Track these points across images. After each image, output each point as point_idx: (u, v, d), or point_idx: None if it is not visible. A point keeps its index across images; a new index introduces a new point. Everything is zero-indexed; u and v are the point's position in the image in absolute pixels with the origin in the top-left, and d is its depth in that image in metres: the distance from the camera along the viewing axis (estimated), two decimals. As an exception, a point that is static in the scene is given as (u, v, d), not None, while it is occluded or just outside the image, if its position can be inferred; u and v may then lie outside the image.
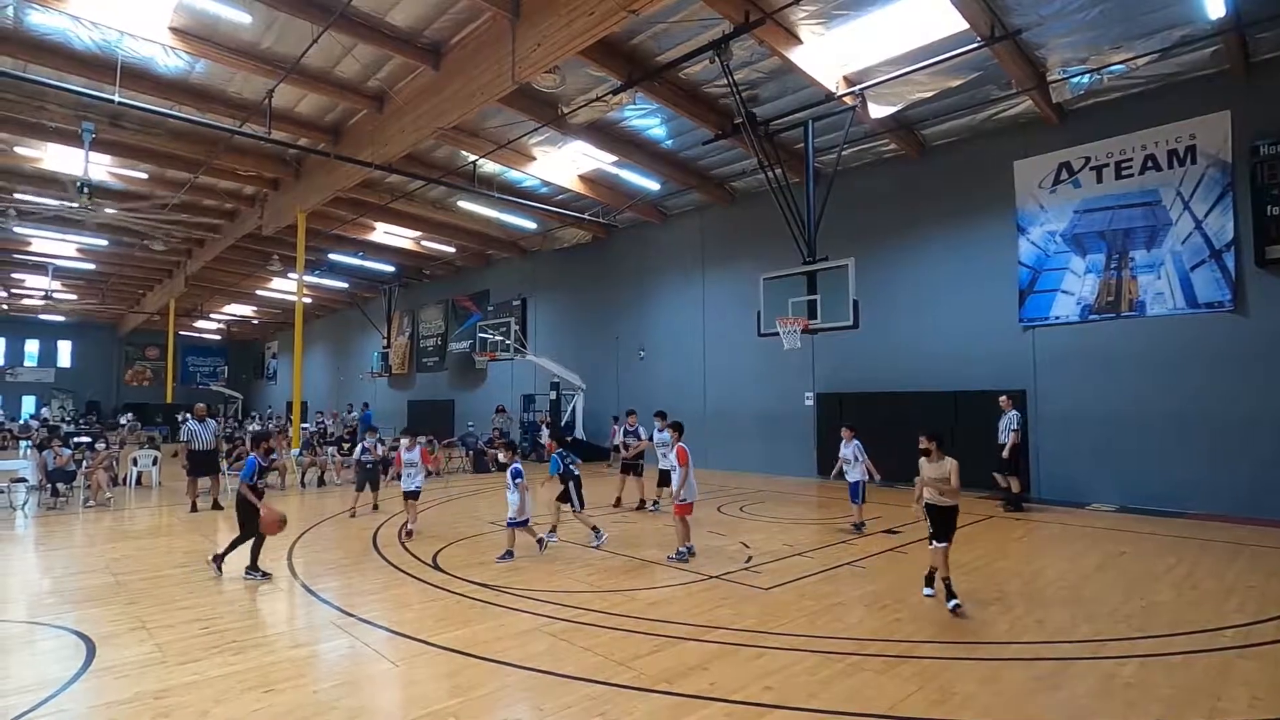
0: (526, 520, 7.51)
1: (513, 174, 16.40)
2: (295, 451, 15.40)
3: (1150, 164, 10.95)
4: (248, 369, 47.69)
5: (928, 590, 5.99)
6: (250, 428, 23.72)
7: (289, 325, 34.44)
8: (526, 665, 4.49)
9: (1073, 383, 11.57)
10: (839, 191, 12.69)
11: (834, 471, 9.32)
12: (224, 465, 12.49)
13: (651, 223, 19.03)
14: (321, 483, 14.27)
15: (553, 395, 20.44)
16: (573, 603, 5.87)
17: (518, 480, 7.38)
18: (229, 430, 21.44)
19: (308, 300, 32.30)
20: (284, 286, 30.05)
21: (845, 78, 11.11)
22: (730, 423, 16.49)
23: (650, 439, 10.51)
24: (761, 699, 3.97)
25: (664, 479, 10.07)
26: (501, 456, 8.03)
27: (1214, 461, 10.13)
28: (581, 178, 16.58)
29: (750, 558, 7.52)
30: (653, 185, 16.48)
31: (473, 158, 14.95)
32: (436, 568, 7.17)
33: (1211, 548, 7.98)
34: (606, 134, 14.20)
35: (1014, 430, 10.51)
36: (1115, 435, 11.05)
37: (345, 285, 29.80)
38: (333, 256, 24.09)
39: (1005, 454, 10.52)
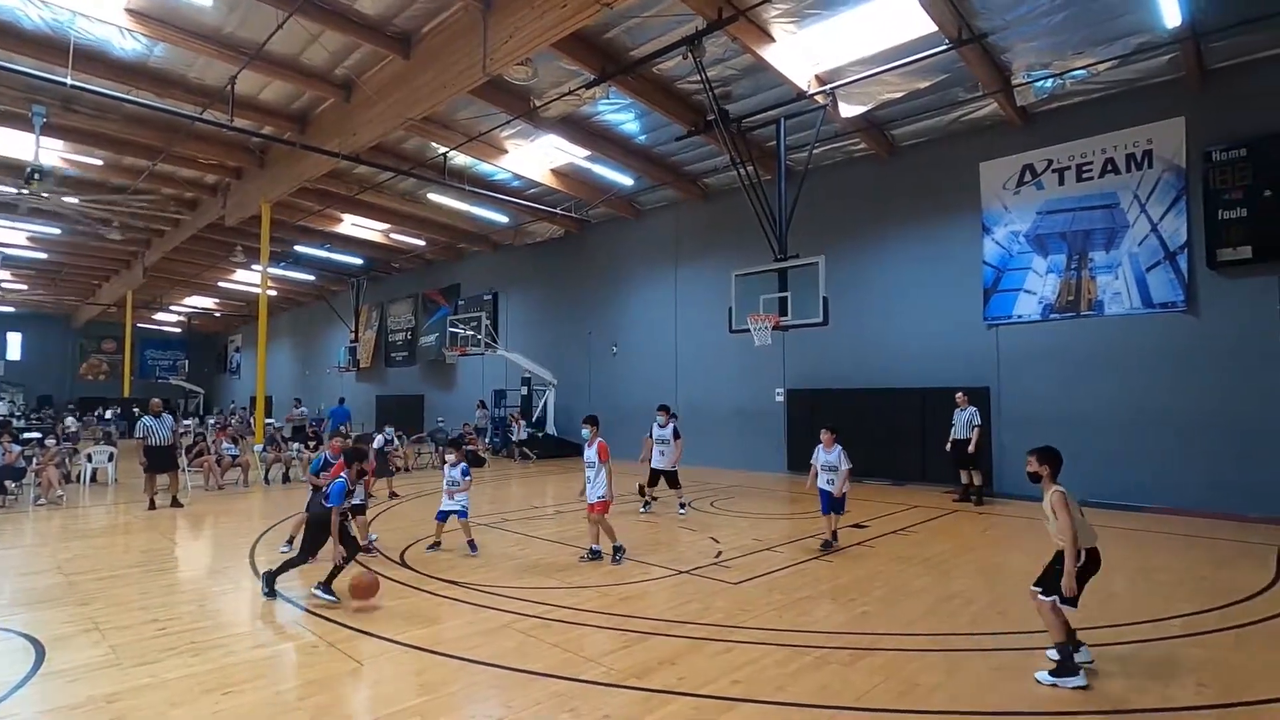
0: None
1: (484, 167, 16.23)
2: (258, 447, 15.06)
3: (1109, 167, 11.25)
4: (209, 363, 46.51)
5: None
6: (210, 421, 23.13)
7: (253, 318, 33.64)
8: (495, 662, 4.46)
9: (1034, 380, 11.86)
10: (810, 190, 12.81)
11: (810, 480, 7.88)
12: (183, 462, 12.16)
13: (625, 218, 18.99)
14: (286, 479, 13.98)
15: (524, 391, 20.32)
16: (542, 599, 5.84)
17: (467, 478, 7.73)
18: (192, 427, 20.88)
19: (272, 293, 31.56)
20: (247, 278, 29.35)
21: (817, 77, 11.20)
22: (702, 419, 16.55)
23: (651, 435, 10.14)
24: (730, 693, 4.00)
25: (656, 479, 9.94)
26: (451, 457, 7.90)
27: (1168, 457, 10.48)
28: (554, 172, 16.47)
29: (720, 552, 7.57)
30: (626, 180, 16.44)
31: (443, 150, 14.75)
32: (404, 565, 7.08)
33: (1166, 541, 8.26)
34: (580, 128, 14.12)
35: (977, 426, 10.78)
36: (1074, 431, 11.35)
37: (311, 278, 29.22)
38: (298, 248, 23.60)
39: (971, 449, 10.77)
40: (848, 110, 11.76)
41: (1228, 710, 3.79)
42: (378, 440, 12.28)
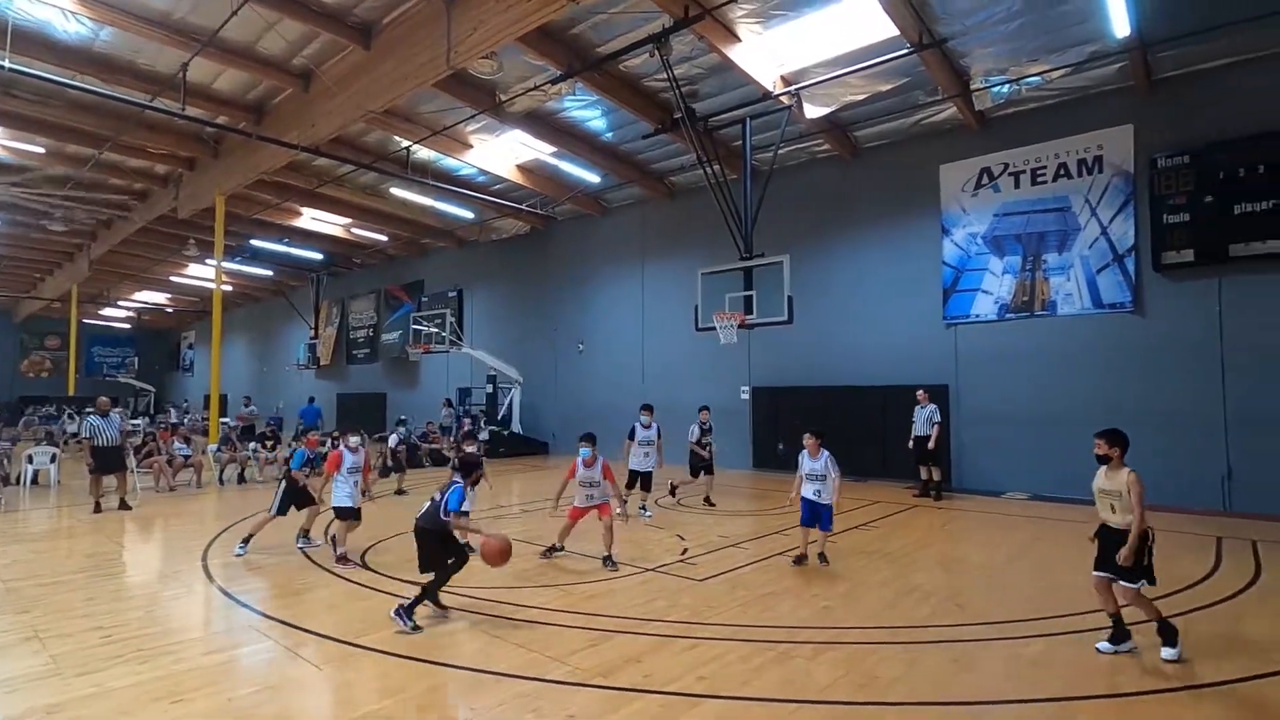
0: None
1: (449, 161, 15.99)
2: (213, 447, 14.60)
3: (1062, 172, 11.61)
4: (161, 360, 44.92)
5: None
6: (165, 421, 22.35)
7: (207, 314, 32.62)
8: (458, 664, 4.40)
9: (991, 378, 12.18)
10: (775, 189, 12.92)
11: (795, 491, 7.02)
12: (132, 462, 11.72)
13: (591, 215, 18.92)
14: (242, 479, 13.59)
15: (489, 388, 20.11)
16: (507, 599, 5.79)
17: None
18: (143, 426, 20.14)
19: (227, 288, 30.67)
20: (201, 273, 28.40)
21: (782, 77, 11.31)
22: (668, 416, 16.50)
23: (632, 437, 9.53)
24: (695, 689, 4.01)
25: (634, 480, 9.44)
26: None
27: (1115, 452, 10.85)
28: (520, 168, 16.32)
29: (686, 550, 7.59)
30: (593, 177, 16.38)
31: (406, 143, 14.49)
32: (365, 567, 6.94)
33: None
34: (546, 124, 14.01)
35: (937, 423, 11.02)
36: (1028, 428, 11.70)
37: (269, 273, 28.41)
38: (255, 242, 22.93)
39: (931, 445, 11.01)
40: (812, 111, 11.90)
41: (1173, 694, 3.94)
42: (392, 439, 12.64)
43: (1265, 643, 4.74)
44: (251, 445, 14.72)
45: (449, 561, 5.33)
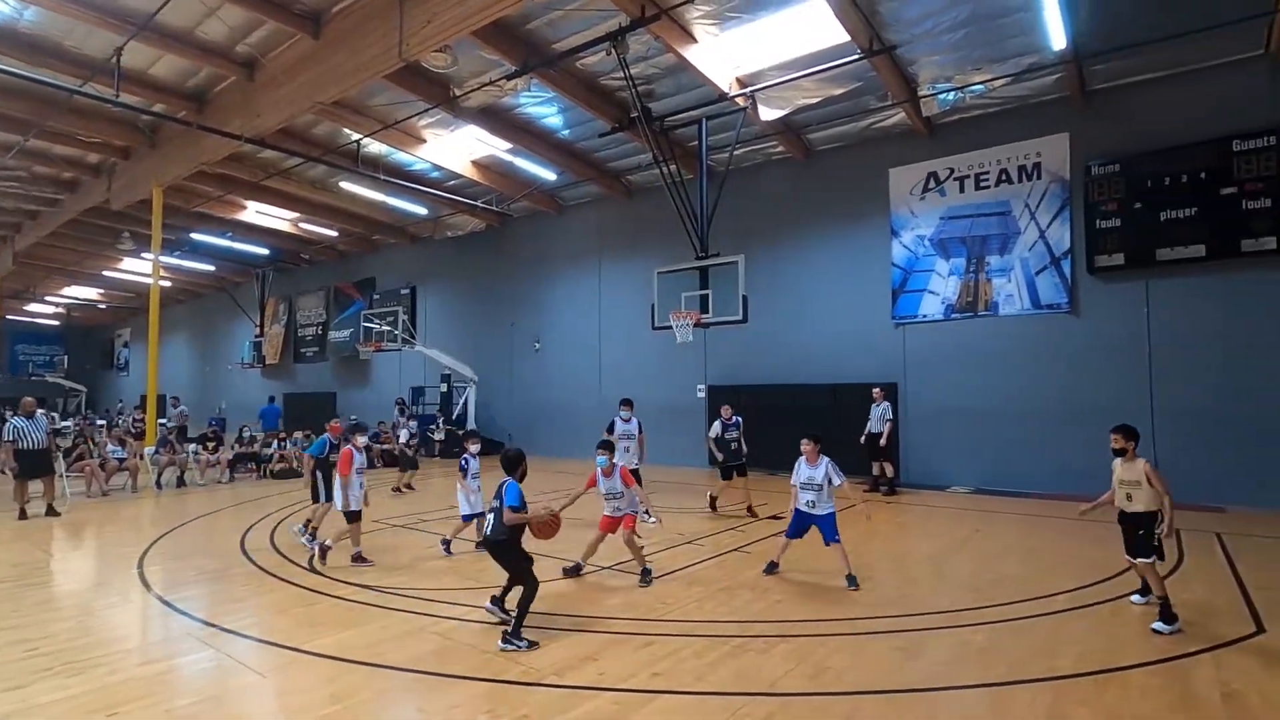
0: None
1: (401, 156, 15.67)
2: (150, 450, 13.98)
3: (1004, 177, 12.06)
4: (93, 358, 42.74)
5: None
6: (99, 422, 21.28)
7: (143, 310, 31.17)
8: (410, 667, 4.32)
9: (937, 376, 12.57)
10: (731, 190, 13.07)
11: (794, 502, 6.43)
12: (60, 466, 11.13)
13: (548, 213, 18.80)
14: (181, 483, 13.05)
15: (443, 388, 19.79)
16: (461, 600, 5.71)
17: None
18: (73, 428, 19.11)
19: (166, 283, 29.33)
20: (137, 267, 27.17)
21: (738, 79, 11.44)
22: (629, 415, 16.61)
23: (611, 431, 9.30)
24: (650, 685, 4.03)
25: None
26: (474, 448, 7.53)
27: (1053, 446, 11.34)
28: (475, 163, 16.10)
29: (643, 548, 7.60)
30: (549, 175, 16.27)
31: (357, 136, 14.14)
32: (313, 570, 6.75)
33: (1051, 523, 8.94)
34: (501, 120, 13.86)
35: (889, 420, 11.31)
36: (972, 424, 12.13)
37: (211, 268, 27.36)
38: (196, 236, 22.05)
39: (883, 442, 11.30)
40: (767, 113, 12.07)
41: (1104, 676, 4.14)
42: (402, 434, 12.45)
43: (1184, 623, 5.01)
44: (192, 447, 14.16)
45: (532, 564, 5.03)
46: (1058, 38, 9.48)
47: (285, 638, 4.84)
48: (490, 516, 5.03)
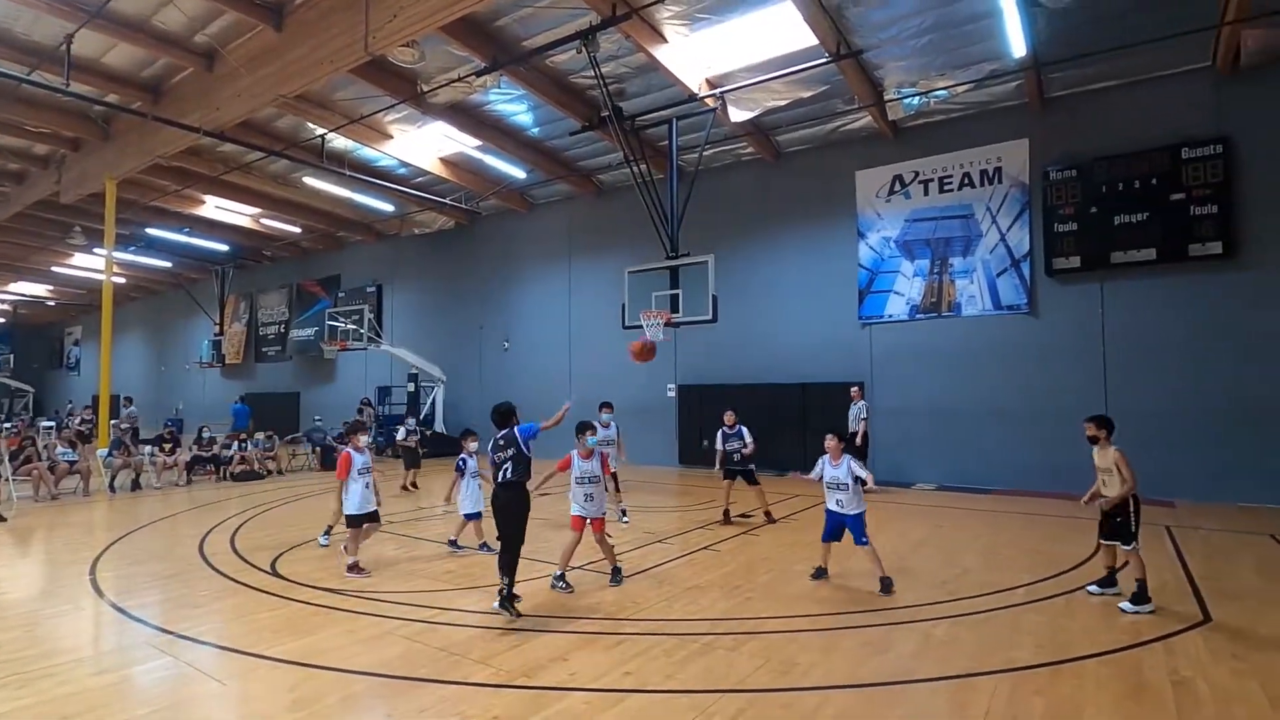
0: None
1: (367, 151, 15.41)
2: (103, 452, 13.50)
3: (967, 181, 12.34)
4: (41, 357, 41.18)
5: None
6: (44, 423, 20.47)
7: (96, 308, 30.13)
8: (377, 671, 4.25)
9: (902, 375, 12.81)
10: (701, 190, 13.12)
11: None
12: (6, 469, 10.70)
13: (517, 211, 18.66)
14: (136, 486, 12.64)
15: (411, 388, 19.51)
16: (429, 603, 5.64)
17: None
18: (13, 428, 18.36)
19: (119, 280, 28.43)
20: (89, 263, 26.24)
21: (708, 80, 11.50)
22: (595, 414, 16.60)
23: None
24: (620, 685, 4.04)
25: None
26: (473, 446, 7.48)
27: (1013, 443, 11.65)
28: (443, 160, 15.91)
29: (611, 547, 7.59)
30: (518, 173, 16.15)
31: (321, 131, 13.84)
32: (275, 575, 6.60)
33: (1011, 519, 9.18)
34: (470, 116, 13.72)
35: (863, 419, 11.47)
36: (936, 422, 12.39)
37: (168, 264, 26.54)
38: (152, 231, 21.37)
39: (858, 441, 11.46)
40: (736, 114, 12.16)
41: (1059, 666, 4.27)
42: (400, 432, 12.51)
43: (1133, 614, 5.19)
44: (147, 449, 13.72)
45: (526, 519, 5.25)
46: (1018, 45, 9.73)
47: (246, 644, 4.72)
48: (506, 466, 5.21)
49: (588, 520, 6.08)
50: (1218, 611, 5.28)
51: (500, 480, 5.24)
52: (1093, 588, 5.74)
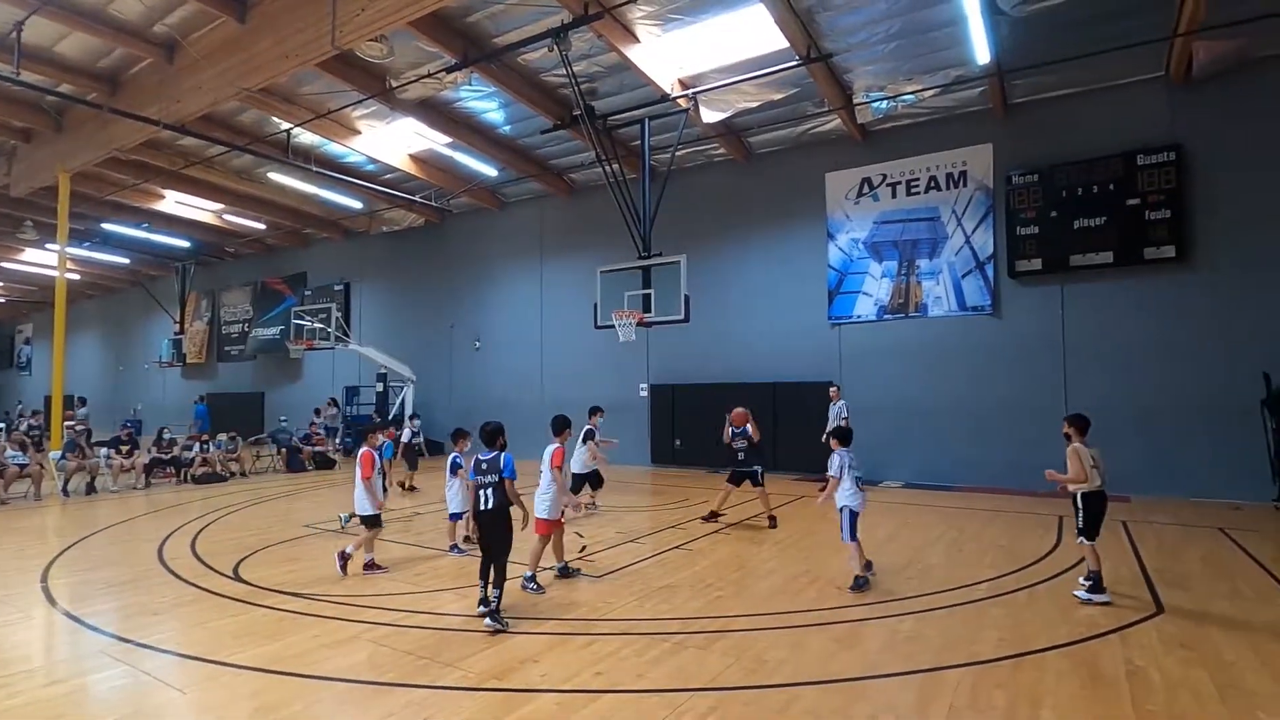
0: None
1: (334, 147, 15.14)
2: (56, 454, 13.04)
3: (933, 184, 12.58)
4: (-10, 357, 39.63)
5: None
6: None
7: (48, 305, 29.11)
8: (343, 676, 4.18)
9: (870, 375, 13.01)
10: (673, 190, 13.18)
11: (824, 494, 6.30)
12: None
13: (488, 209, 18.51)
14: (92, 489, 12.23)
15: (379, 387, 19.22)
16: (398, 606, 5.57)
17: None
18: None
19: (74, 277, 27.46)
20: (41, 259, 25.30)
21: (680, 81, 11.54)
22: (567, 413, 16.54)
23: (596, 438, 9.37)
24: (592, 685, 4.03)
25: (582, 483, 9.28)
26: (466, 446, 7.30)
27: (977, 441, 11.92)
28: (413, 157, 15.71)
29: (584, 547, 7.60)
30: (490, 171, 16.02)
31: (286, 126, 13.56)
32: (239, 579, 6.45)
33: (975, 515, 9.39)
34: (440, 113, 13.57)
35: (844, 418, 11.54)
36: (903, 420, 12.61)
37: (126, 261, 25.72)
38: (108, 226, 20.69)
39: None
40: (708, 115, 12.22)
41: (1020, 659, 4.38)
42: (404, 433, 12.25)
43: (1088, 608, 5.36)
44: (104, 451, 13.29)
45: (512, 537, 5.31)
46: (982, 53, 9.95)
47: (207, 651, 4.61)
48: (487, 492, 5.21)
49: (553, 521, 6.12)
50: (1169, 602, 5.47)
51: (484, 508, 5.25)
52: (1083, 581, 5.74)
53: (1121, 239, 10.85)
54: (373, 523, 6.64)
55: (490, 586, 5.09)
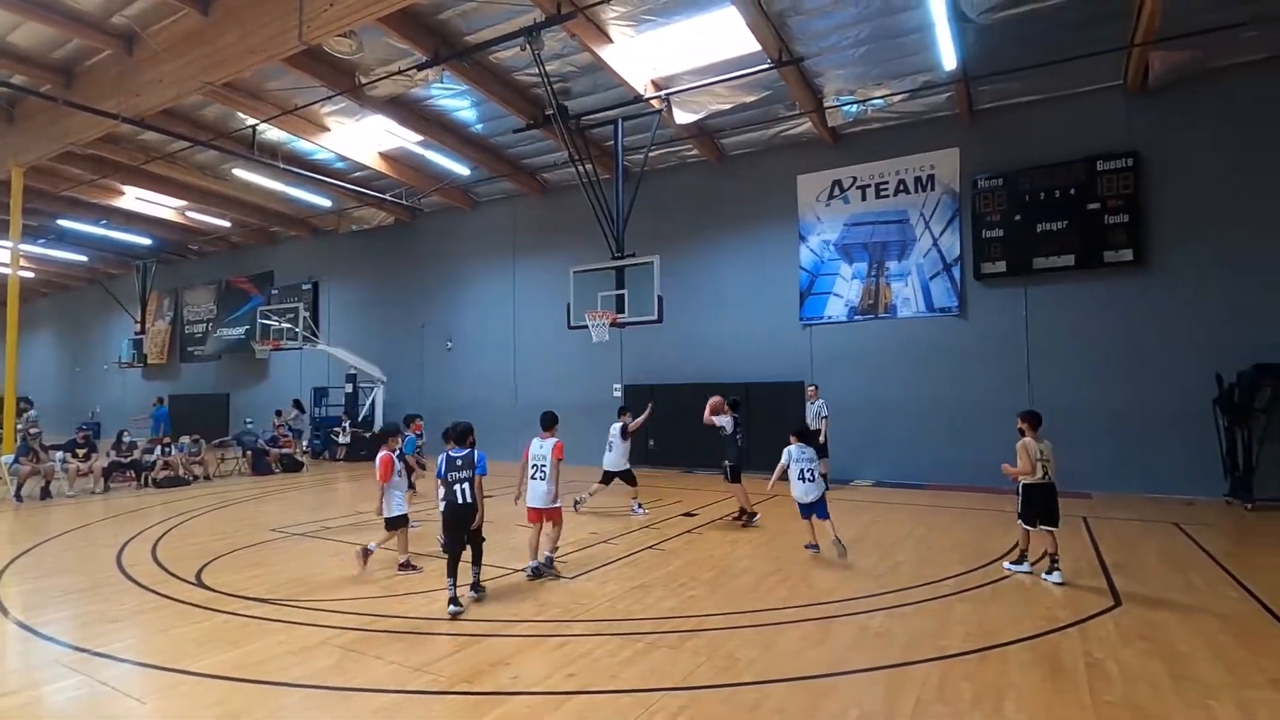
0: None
1: (302, 144, 14.86)
2: (8, 458, 12.58)
3: (901, 187, 12.79)
4: (-63, 357, 38.07)
5: None
6: None
7: (0, 304, 28.13)
8: (309, 683, 4.11)
9: (841, 375, 13.17)
10: (646, 191, 13.19)
11: (771, 480, 7.46)
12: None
13: (460, 209, 18.34)
14: (47, 494, 11.83)
15: (348, 388, 18.91)
16: (366, 610, 5.48)
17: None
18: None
19: (28, 274, 26.57)
20: (-8, 256, 24.38)
21: (653, 82, 11.56)
22: (540, 413, 16.48)
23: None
24: (564, 687, 4.02)
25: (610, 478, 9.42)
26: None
27: (946, 440, 12.14)
28: (383, 155, 15.50)
29: (557, 548, 7.55)
30: (462, 170, 15.88)
31: (252, 121, 13.28)
32: (201, 585, 6.30)
33: (943, 513, 9.56)
34: (411, 111, 13.41)
35: (824, 417, 11.55)
36: (874, 420, 12.79)
37: (83, 258, 24.97)
38: (64, 223, 20.06)
39: (821, 439, 11.62)
40: (681, 117, 12.26)
41: (986, 653, 4.47)
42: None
43: (1050, 602, 5.50)
44: (59, 455, 12.86)
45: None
46: (949, 58, 10.15)
47: (168, 659, 4.49)
48: (464, 487, 5.53)
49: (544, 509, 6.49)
50: (1127, 595, 5.63)
51: (461, 502, 5.53)
52: (1046, 577, 6.08)
53: (1082, 242, 11.14)
54: (394, 524, 6.71)
55: (472, 566, 5.66)
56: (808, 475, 7.06)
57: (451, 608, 5.25)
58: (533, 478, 6.46)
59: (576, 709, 3.75)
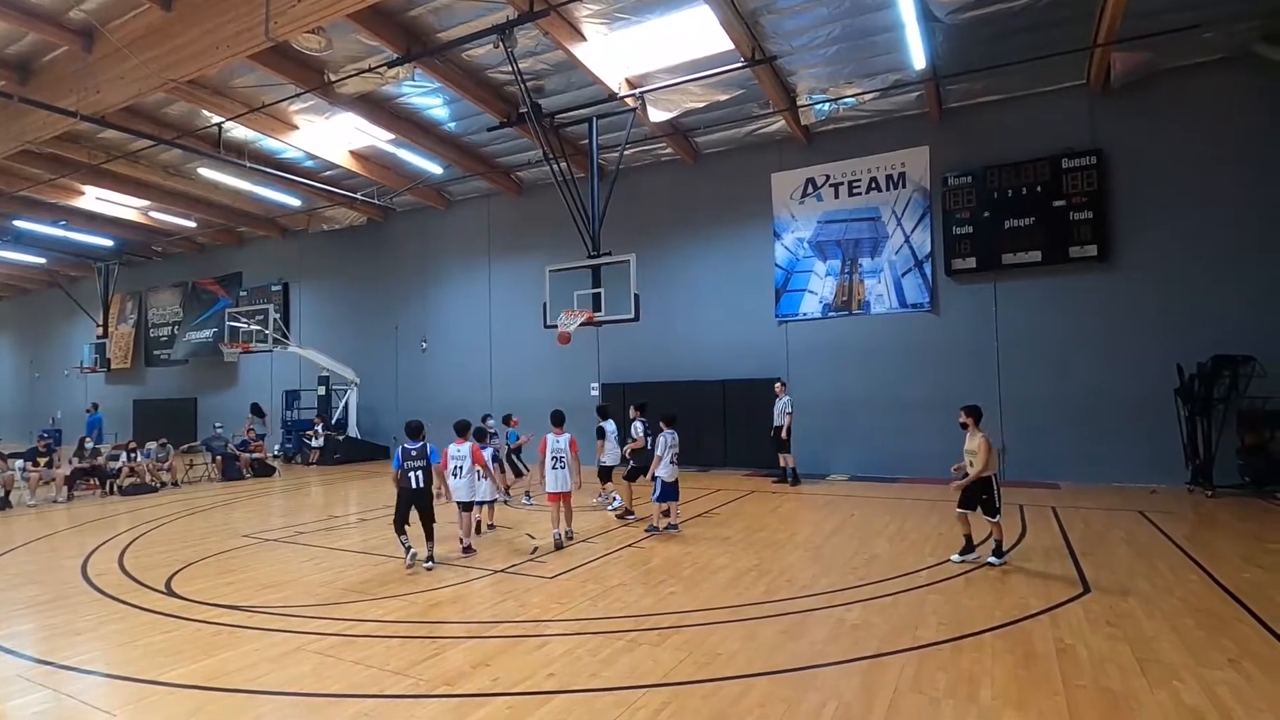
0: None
1: (270, 143, 14.56)
2: (-35, 468, 12.16)
3: (874, 185, 12.95)
4: (-113, 364, 36.64)
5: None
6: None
7: (-46, 308, 27.17)
8: (286, 690, 4.05)
9: (817, 371, 13.32)
10: (622, 189, 13.19)
11: (653, 466, 8.27)
12: None
13: (434, 208, 18.16)
14: (6, 504, 11.47)
15: (321, 390, 18.63)
16: (343, 615, 5.41)
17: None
18: None
19: (-17, 277, 25.72)
20: (-55, 259, 23.56)
21: (628, 80, 11.55)
22: (517, 413, 16.35)
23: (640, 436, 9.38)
24: (544, 687, 4.01)
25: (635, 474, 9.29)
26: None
27: (917, 434, 12.32)
28: (354, 154, 15.26)
29: (536, 548, 7.55)
30: (435, 168, 15.70)
31: (218, 119, 12.98)
32: (171, 594, 6.16)
33: (916, 506, 9.72)
34: (383, 109, 13.22)
35: (788, 414, 11.76)
36: (849, 415, 12.95)
37: (41, 260, 24.20)
38: (20, 224, 19.43)
39: (783, 434, 11.77)
40: (656, 115, 12.27)
41: (960, 642, 4.56)
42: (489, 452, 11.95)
43: (1023, 589, 5.63)
44: (18, 464, 12.47)
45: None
46: (918, 58, 10.30)
47: (138, 670, 4.39)
48: (417, 474, 6.76)
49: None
50: (1095, 582, 5.79)
51: (415, 487, 6.79)
52: (955, 557, 6.51)
53: (1049, 239, 11.39)
54: (463, 507, 7.43)
55: (426, 541, 6.81)
56: (676, 459, 8.18)
57: (408, 557, 6.79)
58: (553, 468, 7.58)
59: (557, 709, 3.75)
